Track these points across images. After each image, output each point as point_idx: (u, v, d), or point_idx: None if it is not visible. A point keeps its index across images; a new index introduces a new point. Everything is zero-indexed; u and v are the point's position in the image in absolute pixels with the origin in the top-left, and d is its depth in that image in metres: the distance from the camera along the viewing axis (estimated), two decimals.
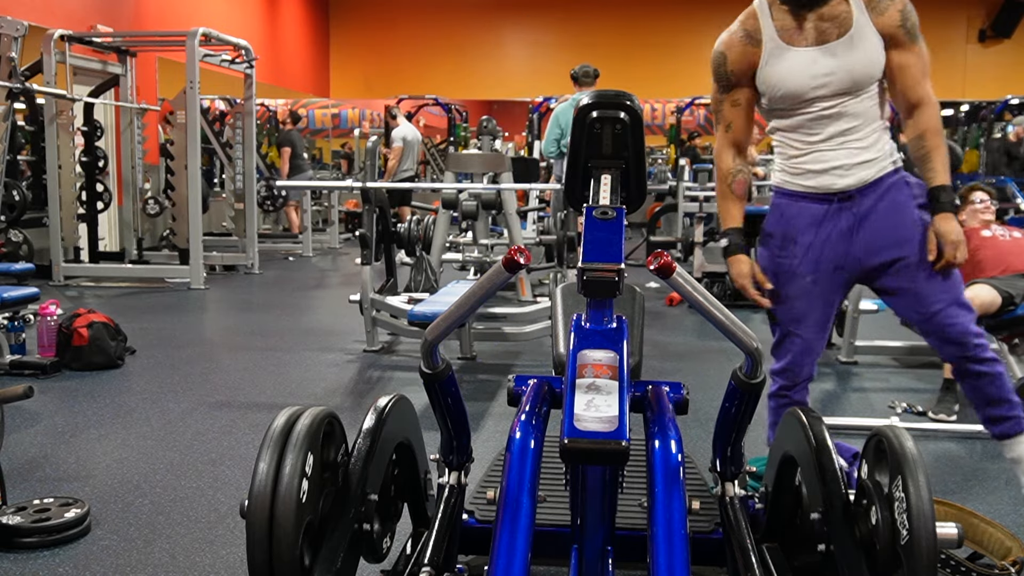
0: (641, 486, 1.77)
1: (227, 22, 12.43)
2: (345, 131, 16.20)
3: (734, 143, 2.50)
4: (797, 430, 1.81)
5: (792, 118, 2.40)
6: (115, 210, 8.73)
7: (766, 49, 2.34)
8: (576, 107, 1.78)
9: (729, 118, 2.48)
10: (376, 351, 5.15)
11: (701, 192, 9.51)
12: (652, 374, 1.99)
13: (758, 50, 2.36)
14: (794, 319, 2.50)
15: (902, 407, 3.97)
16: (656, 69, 17.39)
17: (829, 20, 2.28)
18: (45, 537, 2.52)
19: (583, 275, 1.50)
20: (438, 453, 2.01)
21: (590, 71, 6.66)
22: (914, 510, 1.47)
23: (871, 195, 2.37)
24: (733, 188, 2.53)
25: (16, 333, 4.59)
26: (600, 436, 1.31)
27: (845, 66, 2.28)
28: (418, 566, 1.70)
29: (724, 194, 2.56)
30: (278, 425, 1.63)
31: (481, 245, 5.57)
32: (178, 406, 4.00)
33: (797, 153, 2.42)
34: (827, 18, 2.29)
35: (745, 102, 2.45)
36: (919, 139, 2.36)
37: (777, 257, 2.49)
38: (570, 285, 2.08)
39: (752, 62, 2.38)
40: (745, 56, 2.39)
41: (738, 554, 1.77)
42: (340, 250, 10.99)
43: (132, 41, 8.58)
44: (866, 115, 2.35)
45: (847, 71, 2.28)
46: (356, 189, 5.33)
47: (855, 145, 2.35)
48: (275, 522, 1.52)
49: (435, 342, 1.76)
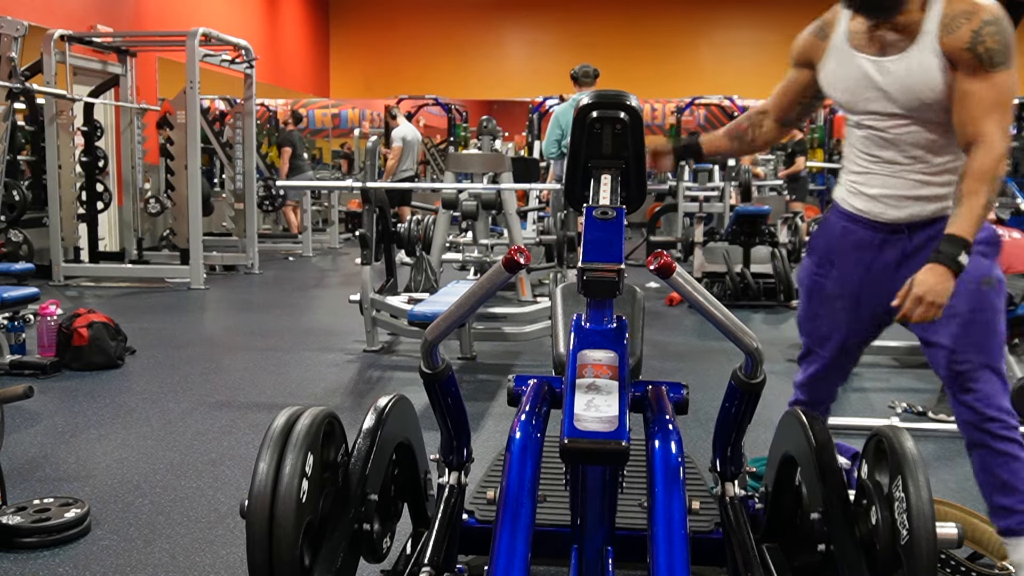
0: (641, 486, 1.77)
1: (227, 22, 12.44)
2: (345, 131, 16.19)
3: (766, 107, 2.43)
4: (797, 430, 1.81)
5: (855, 131, 2.25)
6: (115, 210, 8.73)
7: (831, 46, 2.21)
8: (576, 107, 1.78)
9: (778, 88, 2.41)
10: (376, 351, 5.15)
11: (701, 192, 9.53)
12: (652, 374, 1.99)
13: (824, 44, 2.23)
14: (818, 338, 2.39)
15: (902, 407, 3.97)
16: (656, 69, 17.40)
17: (899, 32, 2.08)
18: (45, 537, 2.52)
19: (583, 275, 1.50)
20: (438, 453, 2.01)
21: (590, 71, 6.66)
22: (914, 510, 1.47)
23: (922, 234, 2.14)
24: (728, 125, 2.50)
25: (16, 333, 4.59)
26: (600, 436, 1.32)
27: (893, 83, 2.09)
28: (418, 566, 1.70)
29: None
30: (278, 425, 1.64)
31: (481, 245, 5.57)
32: (178, 406, 4.00)
33: (856, 171, 2.25)
34: (898, 29, 2.08)
35: (796, 84, 2.36)
36: (959, 180, 2.03)
37: (815, 274, 2.36)
38: (570, 285, 2.07)
39: (814, 55, 2.26)
40: (810, 47, 2.27)
41: (738, 554, 1.77)
42: (340, 250, 10.99)
43: (132, 41, 8.58)
44: (931, 147, 2.11)
45: (895, 89, 2.09)
46: (356, 189, 5.33)
47: (913, 177, 2.13)
48: (275, 522, 1.52)
49: (435, 342, 1.76)
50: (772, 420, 2.05)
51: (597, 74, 6.69)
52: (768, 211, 7.51)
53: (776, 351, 5.23)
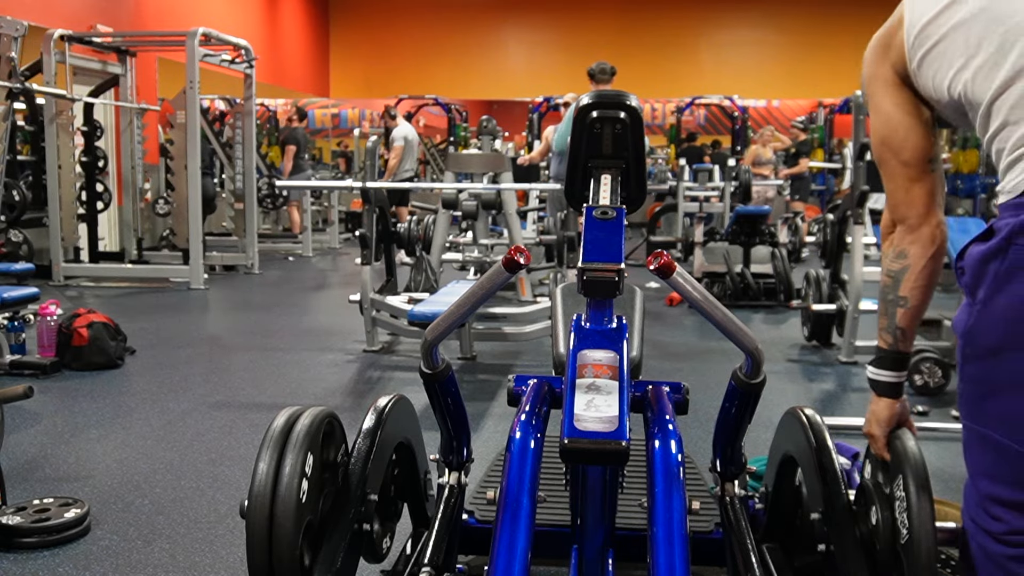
0: (641, 486, 1.77)
1: (227, 22, 12.43)
2: (345, 131, 16.21)
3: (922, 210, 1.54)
4: (797, 430, 1.81)
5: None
6: (115, 210, 8.73)
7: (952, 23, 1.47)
8: (576, 107, 1.78)
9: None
10: (376, 351, 5.15)
11: (701, 192, 9.54)
12: (652, 374, 1.99)
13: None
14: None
15: None
16: (656, 69, 17.40)
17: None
18: (45, 537, 2.52)
19: (583, 275, 1.49)
20: (438, 453, 2.01)
21: (607, 68, 6.63)
22: (914, 509, 1.47)
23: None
24: (919, 283, 1.55)
25: (16, 333, 4.59)
26: (600, 436, 1.31)
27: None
28: (418, 566, 1.70)
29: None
30: (278, 425, 1.64)
31: (481, 245, 5.57)
32: (178, 406, 4.00)
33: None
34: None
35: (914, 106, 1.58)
36: None
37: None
38: (570, 285, 2.07)
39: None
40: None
41: (738, 554, 1.77)
42: (340, 250, 10.99)
43: (132, 41, 8.58)
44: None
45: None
46: (356, 189, 5.33)
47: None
48: (275, 522, 1.52)
49: (435, 342, 1.76)
50: (772, 420, 2.05)
51: (614, 71, 6.65)
52: (768, 211, 7.52)
53: (776, 351, 5.24)
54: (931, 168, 1.54)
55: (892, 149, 1.54)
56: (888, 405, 1.61)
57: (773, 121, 14.98)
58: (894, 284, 1.56)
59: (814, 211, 10.65)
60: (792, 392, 4.36)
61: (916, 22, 1.46)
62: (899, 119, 1.53)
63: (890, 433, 1.62)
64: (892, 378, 1.60)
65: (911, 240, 1.54)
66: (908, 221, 1.54)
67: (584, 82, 6.65)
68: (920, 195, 1.53)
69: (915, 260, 1.53)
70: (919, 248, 1.53)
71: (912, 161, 1.53)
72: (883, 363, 1.60)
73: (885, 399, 1.61)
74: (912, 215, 1.54)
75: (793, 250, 7.03)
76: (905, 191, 1.54)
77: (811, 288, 5.29)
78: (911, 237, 1.54)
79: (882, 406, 1.61)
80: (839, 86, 14.37)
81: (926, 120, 1.54)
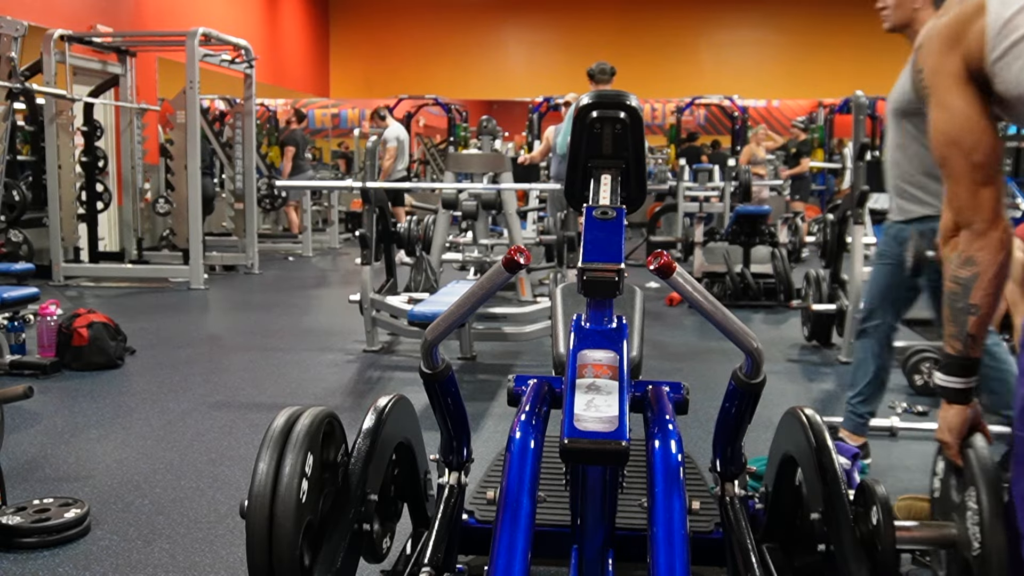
0: (641, 486, 1.77)
1: (227, 22, 12.43)
2: (345, 131, 16.21)
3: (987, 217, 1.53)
4: (797, 430, 1.81)
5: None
6: (115, 210, 8.73)
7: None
8: (576, 107, 1.78)
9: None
10: (376, 351, 5.15)
11: (701, 192, 9.54)
12: (652, 374, 1.99)
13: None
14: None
15: (902, 407, 3.97)
16: (656, 69, 17.39)
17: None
18: (45, 537, 2.52)
19: (583, 275, 1.49)
20: (438, 453, 2.01)
21: (607, 68, 6.64)
22: (986, 524, 1.50)
23: None
24: (986, 291, 1.54)
25: (16, 333, 4.59)
26: (600, 436, 1.31)
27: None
28: (418, 566, 1.70)
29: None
30: (278, 425, 1.64)
31: (481, 245, 5.57)
32: (178, 406, 4.00)
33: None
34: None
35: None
36: None
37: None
38: (570, 285, 2.07)
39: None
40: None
41: (738, 554, 1.77)
42: (340, 250, 10.99)
43: (132, 41, 8.58)
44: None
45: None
46: (356, 189, 5.33)
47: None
48: (275, 522, 1.52)
49: (435, 342, 1.76)
50: (772, 420, 2.05)
51: (614, 72, 6.66)
52: (768, 211, 7.51)
53: (776, 351, 5.24)
54: (1000, 171, 1.51)
55: (963, 150, 1.49)
56: (959, 411, 1.59)
57: (773, 121, 14.99)
58: (964, 291, 1.52)
59: (814, 211, 10.65)
60: (792, 392, 4.36)
61: (1005, 8, 1.39)
62: (974, 118, 1.48)
63: (963, 440, 1.61)
64: (962, 384, 1.58)
65: (979, 246, 1.49)
66: (975, 226, 1.50)
67: (584, 82, 6.65)
68: (988, 199, 1.49)
69: (985, 267, 1.49)
70: (988, 255, 1.49)
71: (985, 163, 1.48)
72: (952, 369, 1.58)
73: (956, 405, 1.59)
74: (978, 220, 1.49)
75: (793, 250, 7.03)
76: (972, 194, 1.49)
77: (811, 288, 5.29)
78: (980, 243, 1.49)
79: (953, 412, 1.59)
80: (839, 86, 14.35)
81: (995, 119, 1.50)
